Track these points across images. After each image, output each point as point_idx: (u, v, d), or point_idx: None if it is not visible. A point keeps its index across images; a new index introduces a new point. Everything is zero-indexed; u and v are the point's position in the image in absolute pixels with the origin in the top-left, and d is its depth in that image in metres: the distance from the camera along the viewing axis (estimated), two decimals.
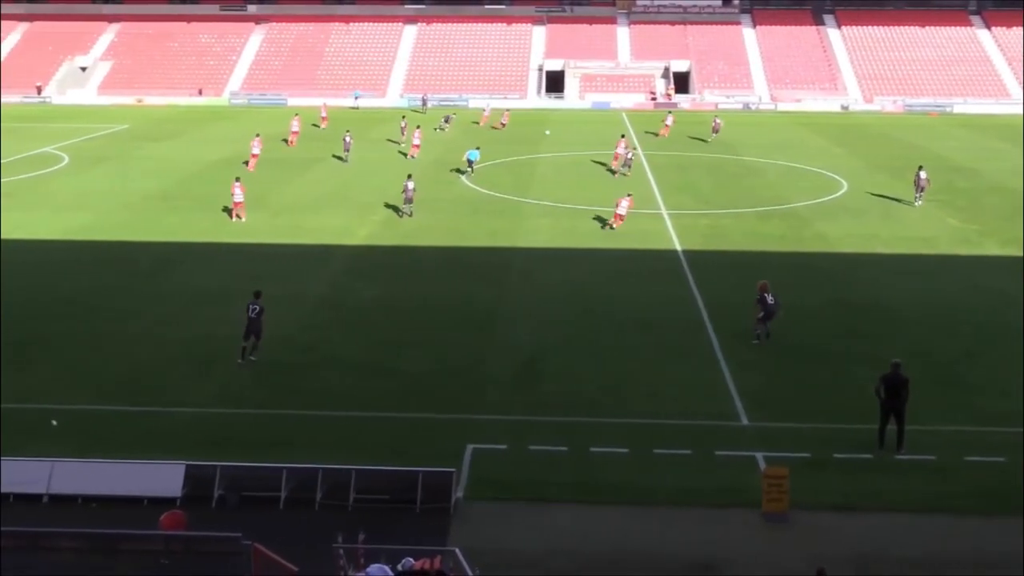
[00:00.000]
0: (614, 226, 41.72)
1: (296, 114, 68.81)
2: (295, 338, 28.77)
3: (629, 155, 54.96)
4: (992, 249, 39.27)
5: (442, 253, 38.30)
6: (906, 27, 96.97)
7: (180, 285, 33.67)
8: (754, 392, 25.13)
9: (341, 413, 23.81)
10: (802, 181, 53.16)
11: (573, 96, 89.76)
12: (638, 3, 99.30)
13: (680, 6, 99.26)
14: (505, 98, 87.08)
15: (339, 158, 58.80)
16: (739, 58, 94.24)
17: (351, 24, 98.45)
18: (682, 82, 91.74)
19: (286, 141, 63.99)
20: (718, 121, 69.07)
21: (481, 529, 18.80)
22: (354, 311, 31.37)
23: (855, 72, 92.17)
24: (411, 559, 15.51)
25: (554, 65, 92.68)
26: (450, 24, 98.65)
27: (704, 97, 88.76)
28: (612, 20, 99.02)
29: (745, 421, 23.68)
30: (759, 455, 21.75)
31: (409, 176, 44.59)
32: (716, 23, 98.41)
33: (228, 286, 33.24)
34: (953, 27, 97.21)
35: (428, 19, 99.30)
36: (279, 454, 20.86)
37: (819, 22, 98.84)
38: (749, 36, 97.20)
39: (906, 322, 30.61)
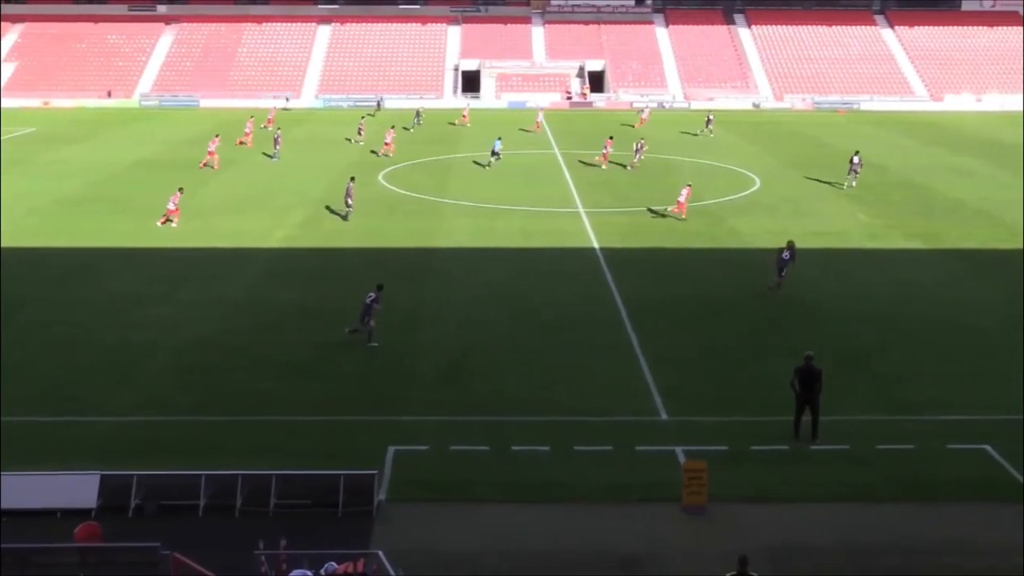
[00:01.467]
0: (678, 215, 43.69)
1: (251, 116, 69.07)
2: (215, 342, 28.40)
3: (641, 148, 56.65)
4: (900, 243, 40.28)
5: (361, 254, 38.06)
6: (814, 27, 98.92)
7: (96, 291, 32.97)
8: (673, 387, 25.45)
9: (263, 417, 23.56)
10: (716, 178, 53.94)
11: (489, 96, 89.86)
12: (552, 3, 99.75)
13: (594, 6, 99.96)
14: (421, 98, 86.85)
15: (268, 156, 58.51)
16: (653, 57, 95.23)
17: (264, 24, 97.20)
18: (597, 81, 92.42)
19: (243, 143, 63.38)
20: (710, 116, 71.47)
21: (404, 531, 18.75)
22: (274, 314, 31.03)
23: (765, 71, 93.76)
24: (334, 563, 15.41)
25: (470, 65, 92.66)
26: (364, 24, 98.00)
27: (619, 96, 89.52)
28: (527, 20, 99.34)
29: (664, 416, 23.98)
30: (679, 449, 22.04)
31: (352, 178, 44.27)
32: (629, 23, 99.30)
33: (145, 291, 32.68)
34: (858, 26, 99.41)
35: (342, 19, 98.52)
36: (201, 461, 20.54)
37: (730, 22, 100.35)
38: (662, 35, 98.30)
39: (819, 315, 31.26)
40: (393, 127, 63.97)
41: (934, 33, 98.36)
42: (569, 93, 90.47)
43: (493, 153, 57.07)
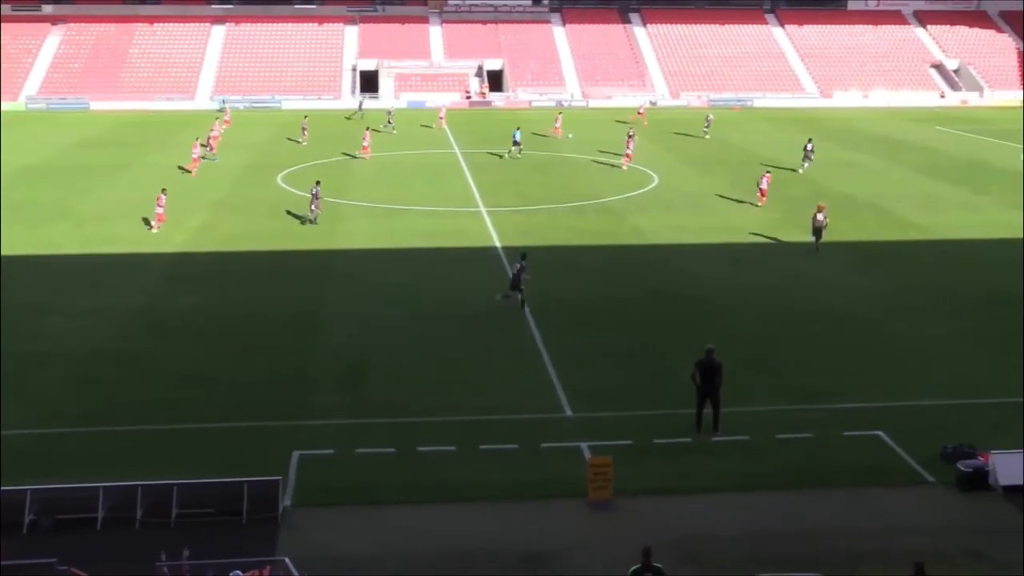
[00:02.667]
0: (758, 204, 46.31)
1: (216, 118, 68.75)
2: (112, 351, 27.74)
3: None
4: (794, 236, 41.23)
5: (261, 258, 37.55)
6: (707, 25, 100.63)
7: None
8: (577, 384, 25.67)
9: (163, 426, 23.07)
10: (615, 176, 54.52)
11: (388, 96, 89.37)
12: (450, 3, 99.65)
13: (491, 5, 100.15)
14: (319, 99, 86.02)
15: (206, 158, 57.57)
16: (550, 56, 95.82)
17: (155, 25, 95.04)
18: (496, 80, 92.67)
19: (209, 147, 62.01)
20: (710, 117, 71.75)
21: (311, 536, 18.57)
22: (172, 320, 30.42)
23: (661, 69, 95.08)
24: (239, 572, 15.21)
25: (368, 65, 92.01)
26: (259, 24, 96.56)
27: (518, 95, 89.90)
28: (424, 19, 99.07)
29: (569, 413, 24.18)
30: (584, 445, 22.24)
31: (317, 182, 43.59)
32: (527, 22, 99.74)
33: (38, 300, 31.75)
34: (750, 25, 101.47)
35: (236, 19, 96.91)
36: (99, 473, 20.01)
37: (626, 21, 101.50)
38: (559, 35, 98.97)
39: (718, 309, 31.85)
40: (368, 128, 63.33)
41: (822, 32, 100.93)
42: (468, 92, 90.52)
43: (515, 143, 59.58)
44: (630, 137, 58.33)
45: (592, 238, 40.70)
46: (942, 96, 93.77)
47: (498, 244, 39.54)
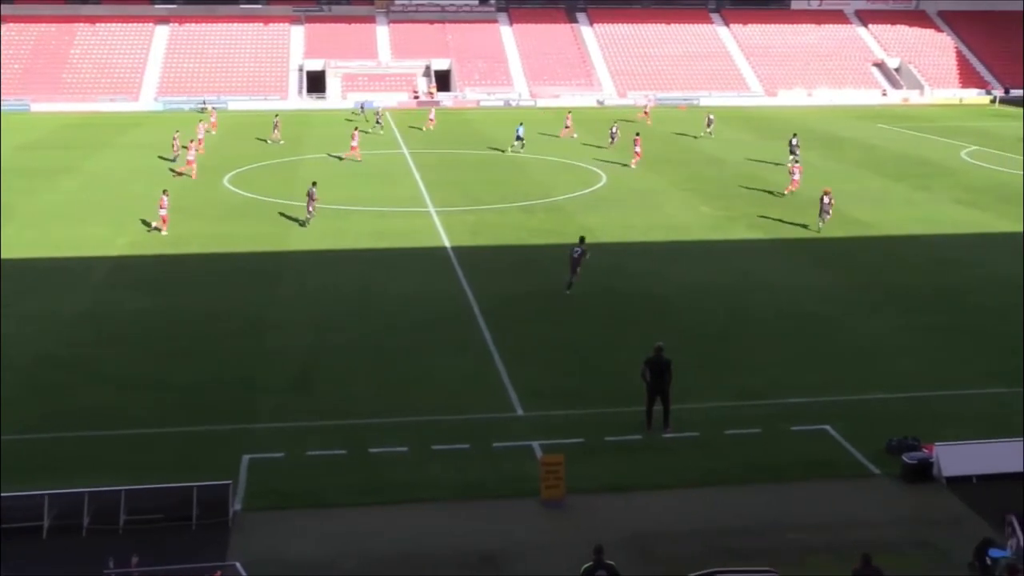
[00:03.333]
0: (785, 192, 48.24)
1: (200, 120, 67.78)
2: (58, 356, 27.34)
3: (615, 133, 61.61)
4: (741, 233, 41.65)
5: (208, 261, 37.19)
6: (653, 24, 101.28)
7: None
8: (528, 383, 25.72)
9: (111, 432, 22.76)
10: (564, 175, 54.68)
11: (335, 96, 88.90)
12: (396, 2, 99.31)
13: (438, 5, 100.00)
14: (266, 99, 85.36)
15: (166, 159, 56.83)
16: (498, 56, 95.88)
17: (97, 25, 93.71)
18: (443, 80, 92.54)
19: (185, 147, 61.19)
20: (711, 117, 71.79)
21: (262, 540, 18.44)
22: (119, 325, 30.01)
23: (608, 68, 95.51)
24: None
25: (315, 65, 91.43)
26: (204, 24, 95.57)
27: (466, 95, 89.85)
28: (371, 19, 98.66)
29: (520, 412, 24.22)
30: (535, 444, 22.29)
31: (314, 183, 43.21)
32: (474, 22, 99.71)
33: None
34: (696, 24, 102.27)
35: (180, 19, 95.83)
36: (45, 480, 19.70)
37: (572, 20, 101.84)
38: (507, 34, 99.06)
39: (667, 306, 32.07)
40: (357, 129, 62.84)
41: (766, 31, 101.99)
42: (416, 92, 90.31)
43: (517, 138, 62.07)
44: (637, 136, 59.13)
45: (542, 237, 40.80)
46: (884, 94, 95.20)
47: (448, 244, 39.50)
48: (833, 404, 24.53)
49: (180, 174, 52.98)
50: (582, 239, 34.24)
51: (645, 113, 78.01)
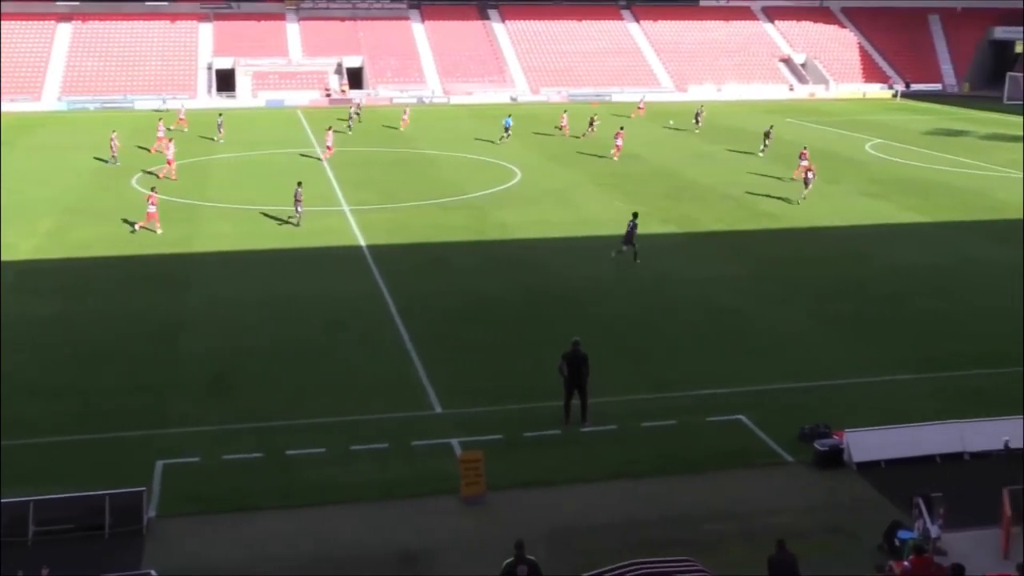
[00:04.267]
0: (795, 177, 50.24)
1: (160, 118, 65.95)
2: None
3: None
4: (656, 228, 42.08)
5: (117, 263, 36.40)
6: (564, 21, 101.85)
7: None
8: (445, 380, 25.69)
9: (17, 441, 22.09)
10: (479, 172, 54.72)
11: (246, 94, 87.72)
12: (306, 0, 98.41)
13: (349, 2, 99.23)
14: (175, 98, 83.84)
15: (103, 160, 55.59)
16: (410, 53, 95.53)
17: None
18: (356, 78, 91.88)
19: (147, 149, 59.91)
20: (701, 110, 74.33)
21: (178, 547, 18.13)
22: (27, 331, 29.15)
23: (521, 65, 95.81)
24: None
25: (224, 63, 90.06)
26: (109, 22, 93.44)
27: (379, 92, 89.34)
28: (281, 17, 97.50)
29: (439, 410, 24.18)
30: (454, 441, 22.28)
31: (299, 183, 42.64)
32: (386, 19, 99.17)
33: None
34: (606, 21, 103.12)
35: (84, 17, 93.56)
36: None
37: (484, 17, 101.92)
38: (419, 31, 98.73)
39: (582, 301, 32.29)
40: (331, 128, 61.84)
41: (676, 27, 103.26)
42: (328, 91, 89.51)
43: (505, 129, 65.60)
44: (620, 129, 61.33)
45: (457, 234, 40.78)
46: (791, 89, 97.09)
47: (363, 243, 39.24)
48: (747, 394, 24.96)
49: (161, 176, 51.36)
50: (635, 214, 37.38)
51: (640, 108, 79.99)
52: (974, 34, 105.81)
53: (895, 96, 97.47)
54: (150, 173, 52.18)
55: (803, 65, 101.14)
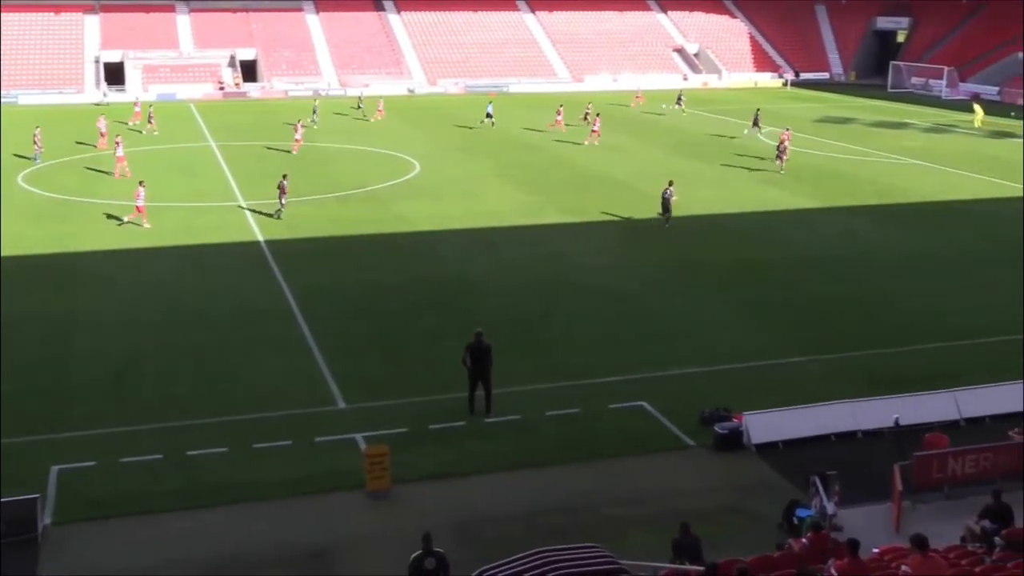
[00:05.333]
0: (780, 168, 52.58)
1: (102, 114, 63.84)
2: None
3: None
4: (554, 218, 42.40)
5: (4, 264, 35.19)
6: (460, 12, 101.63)
7: None
8: (349, 375, 25.52)
9: None
10: (377, 164, 54.35)
11: (136, 88, 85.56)
12: None
13: None
14: (60, 92, 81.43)
15: (24, 157, 53.50)
16: (305, 45, 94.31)
17: None
18: (250, 71, 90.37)
19: (94, 145, 57.81)
20: (681, 96, 79.16)
21: (75, 554, 17.69)
22: None
23: (418, 56, 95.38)
24: None
25: (112, 56, 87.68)
26: None
27: (273, 85, 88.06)
28: (171, 8, 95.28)
29: (342, 405, 24.02)
30: (359, 436, 22.16)
31: (284, 176, 42.24)
32: (279, 10, 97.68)
33: None
34: (502, 12, 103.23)
35: None
36: None
37: (380, 8, 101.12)
38: (313, 23, 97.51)
39: (485, 292, 32.38)
40: (299, 122, 60.67)
41: (571, 18, 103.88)
42: (222, 84, 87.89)
43: (487, 115, 67.27)
44: (597, 115, 63.95)
45: (357, 227, 40.47)
46: (685, 79, 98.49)
47: (261, 238, 38.68)
48: (648, 380, 25.32)
49: (117, 176, 49.53)
50: (671, 182, 41.11)
51: (638, 98, 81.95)
52: (858, 24, 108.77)
53: (785, 85, 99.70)
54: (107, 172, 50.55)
55: (696, 55, 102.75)
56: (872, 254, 37.38)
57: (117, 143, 50.82)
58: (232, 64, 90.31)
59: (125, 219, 40.50)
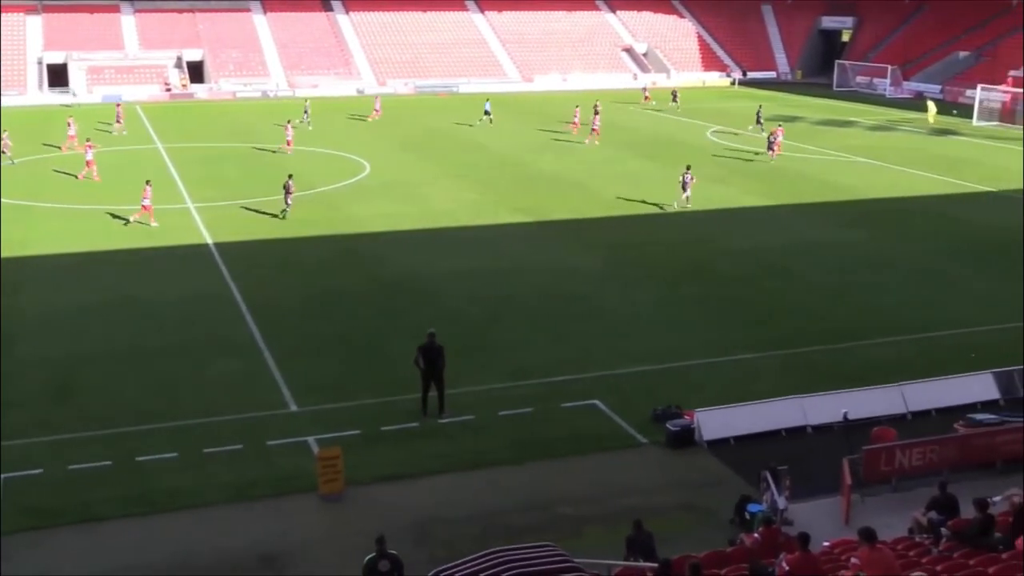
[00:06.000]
0: (772, 158, 54.95)
1: (70, 116, 63.03)
2: None
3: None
4: (506, 217, 42.43)
5: None
6: (409, 12, 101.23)
7: None
8: (300, 378, 25.37)
9: None
10: (326, 165, 54.04)
11: (80, 90, 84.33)
12: None
13: None
14: (5, 95, 79.99)
15: (11, 159, 52.93)
16: (253, 45, 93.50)
17: None
18: (197, 72, 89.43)
19: (59, 147, 56.94)
20: (675, 92, 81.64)
21: (23, 564, 17.41)
22: None
23: (367, 56, 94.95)
24: None
25: (56, 57, 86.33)
26: None
27: (220, 86, 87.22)
28: (115, 8, 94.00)
29: (294, 408, 23.87)
30: (311, 439, 22.04)
31: (290, 176, 42.08)
32: (226, 11, 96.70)
33: None
34: (451, 12, 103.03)
35: None
36: None
37: (328, 8, 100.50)
38: (261, 23, 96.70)
39: (437, 293, 32.32)
40: (289, 122, 60.34)
41: (521, 18, 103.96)
42: (168, 85, 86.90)
43: (486, 112, 68.56)
44: (596, 114, 63.79)
45: (307, 229, 40.21)
46: (634, 78, 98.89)
47: (210, 241, 38.30)
48: (601, 379, 25.43)
49: (80, 177, 48.80)
50: (688, 167, 44.21)
51: (646, 98, 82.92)
52: (804, 23, 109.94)
53: (733, 84, 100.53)
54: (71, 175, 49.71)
55: (645, 54, 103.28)
56: (819, 251, 37.82)
57: (88, 147, 50.22)
58: (179, 65, 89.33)
59: (132, 218, 40.33)
